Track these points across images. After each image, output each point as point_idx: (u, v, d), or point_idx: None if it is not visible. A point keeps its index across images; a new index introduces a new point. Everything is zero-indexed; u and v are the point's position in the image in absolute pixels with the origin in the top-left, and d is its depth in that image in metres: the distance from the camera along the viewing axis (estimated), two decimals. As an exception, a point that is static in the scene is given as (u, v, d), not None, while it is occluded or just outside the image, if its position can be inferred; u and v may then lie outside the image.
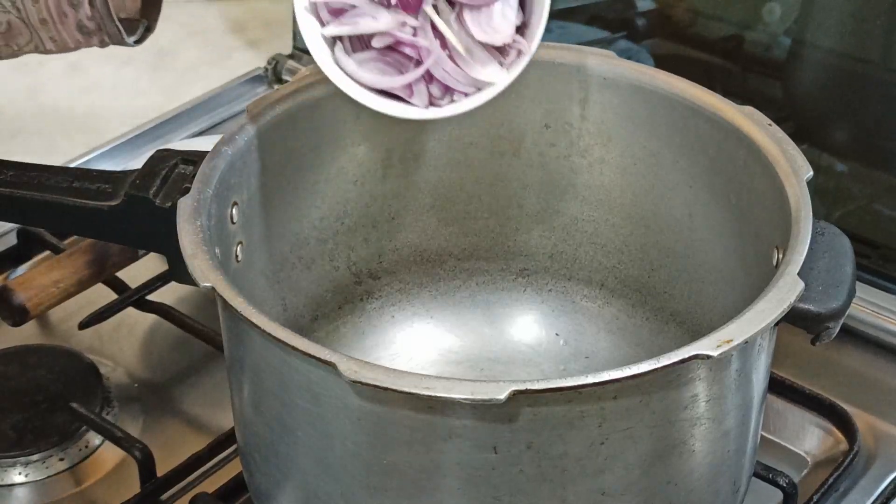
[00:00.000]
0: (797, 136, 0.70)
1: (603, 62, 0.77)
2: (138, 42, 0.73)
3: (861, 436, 0.80)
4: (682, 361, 0.55)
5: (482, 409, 0.55)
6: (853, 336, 0.87)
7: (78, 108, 1.12)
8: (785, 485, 0.75)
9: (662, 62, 1.10)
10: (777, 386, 0.82)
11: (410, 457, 0.58)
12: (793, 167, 0.67)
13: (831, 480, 0.77)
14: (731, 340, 0.56)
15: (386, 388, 0.54)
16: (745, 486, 0.69)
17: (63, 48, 0.68)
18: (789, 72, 1.04)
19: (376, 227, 0.81)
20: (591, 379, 0.55)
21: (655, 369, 0.55)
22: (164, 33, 1.22)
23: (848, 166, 1.00)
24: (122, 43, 0.69)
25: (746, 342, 0.57)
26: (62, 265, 0.87)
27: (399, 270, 0.83)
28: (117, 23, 0.66)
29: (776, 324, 0.59)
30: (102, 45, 0.69)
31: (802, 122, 1.02)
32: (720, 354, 0.55)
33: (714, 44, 1.10)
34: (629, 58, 1.11)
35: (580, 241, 0.82)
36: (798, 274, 0.60)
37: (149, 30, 0.74)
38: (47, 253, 0.94)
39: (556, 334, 0.84)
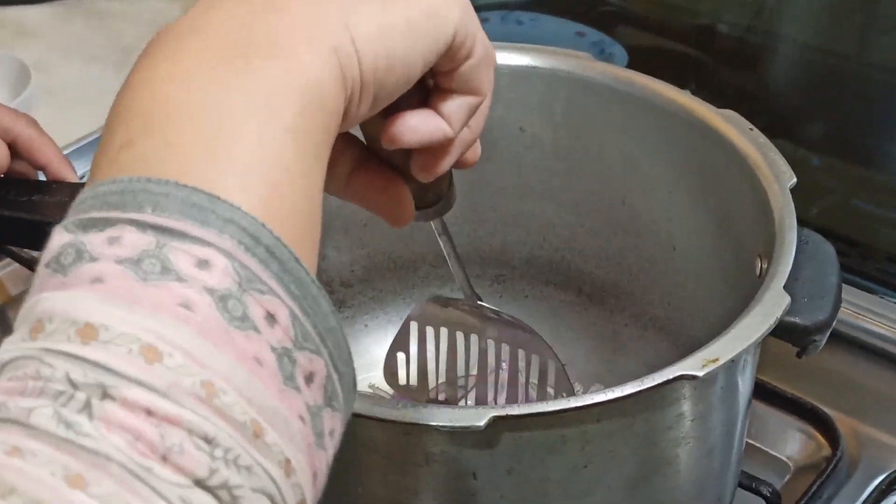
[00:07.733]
0: (771, 131, 0.69)
1: (578, 64, 0.75)
2: None
3: (844, 440, 0.79)
4: (667, 382, 0.54)
5: (461, 436, 0.54)
6: (834, 338, 0.85)
7: (45, 108, 1.10)
8: (768, 494, 0.73)
9: (635, 53, 1.08)
10: (758, 391, 0.81)
11: (387, 483, 0.57)
12: (775, 173, 0.65)
13: (815, 487, 0.76)
14: (718, 360, 0.54)
15: (360, 416, 0.53)
16: (730, 499, 0.68)
17: None
18: (763, 65, 1.03)
19: (348, 233, 0.79)
20: (573, 403, 0.53)
21: (640, 391, 0.53)
22: (128, 30, 1.20)
23: (824, 161, 0.99)
24: None
25: (732, 361, 0.55)
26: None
27: (372, 278, 0.81)
28: None
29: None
30: None
31: (777, 116, 1.01)
32: (706, 374, 0.54)
33: (687, 35, 1.08)
34: (601, 49, 1.10)
35: (557, 246, 0.81)
36: (783, 287, 0.59)
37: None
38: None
39: (534, 341, 0.82)
